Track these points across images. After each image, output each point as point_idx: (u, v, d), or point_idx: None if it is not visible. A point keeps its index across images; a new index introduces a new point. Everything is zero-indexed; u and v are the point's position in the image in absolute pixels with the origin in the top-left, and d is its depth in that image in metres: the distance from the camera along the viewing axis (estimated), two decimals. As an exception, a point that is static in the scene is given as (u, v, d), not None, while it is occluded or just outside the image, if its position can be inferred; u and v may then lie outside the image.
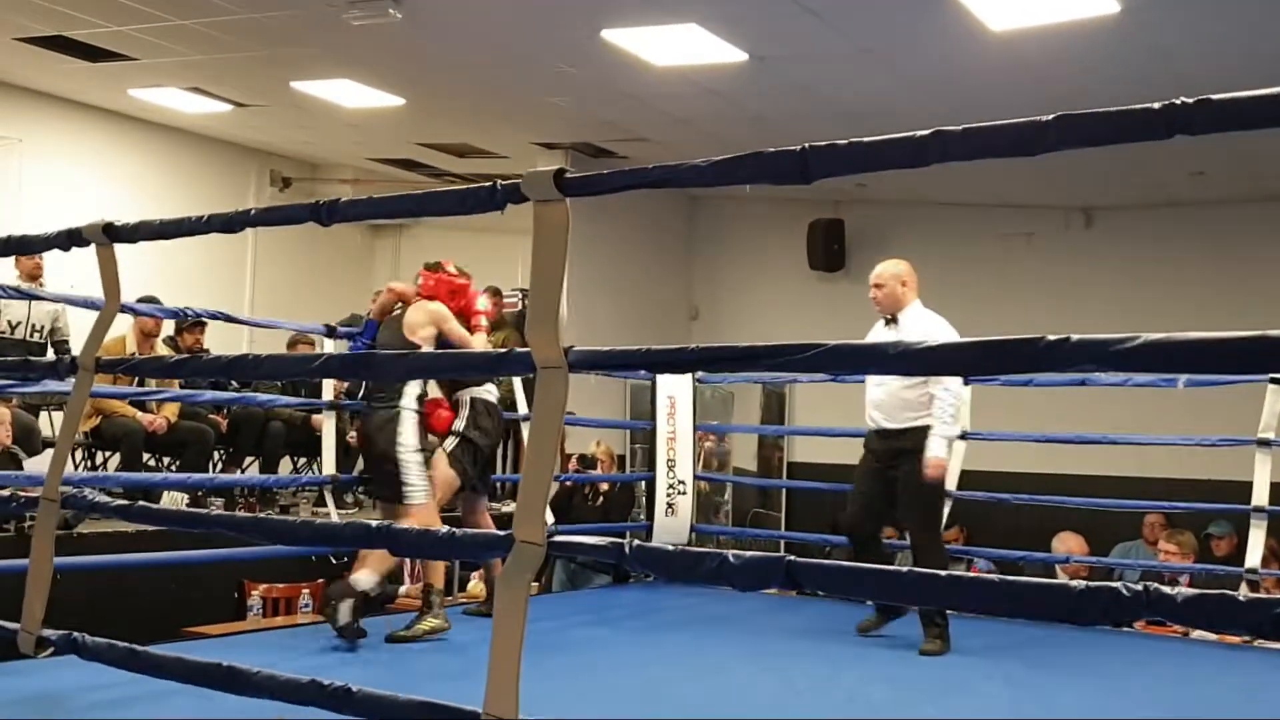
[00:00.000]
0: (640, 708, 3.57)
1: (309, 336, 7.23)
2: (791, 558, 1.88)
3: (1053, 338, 1.68)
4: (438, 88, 8.00)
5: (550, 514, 5.62)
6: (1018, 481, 7.40)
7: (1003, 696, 3.95)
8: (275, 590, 5.95)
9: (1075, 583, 1.66)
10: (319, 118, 8.83)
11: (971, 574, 2.05)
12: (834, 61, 6.72)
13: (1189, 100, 1.57)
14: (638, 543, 2.07)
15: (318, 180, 10.95)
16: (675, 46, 6.63)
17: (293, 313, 8.53)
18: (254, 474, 7.10)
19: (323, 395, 6.08)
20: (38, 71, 8.12)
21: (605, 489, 7.14)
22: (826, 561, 1.92)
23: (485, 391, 5.06)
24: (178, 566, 5.30)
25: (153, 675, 2.64)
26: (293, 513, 6.78)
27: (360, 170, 10.86)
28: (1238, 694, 4.26)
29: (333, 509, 5.96)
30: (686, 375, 6.48)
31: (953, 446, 5.59)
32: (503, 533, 2.13)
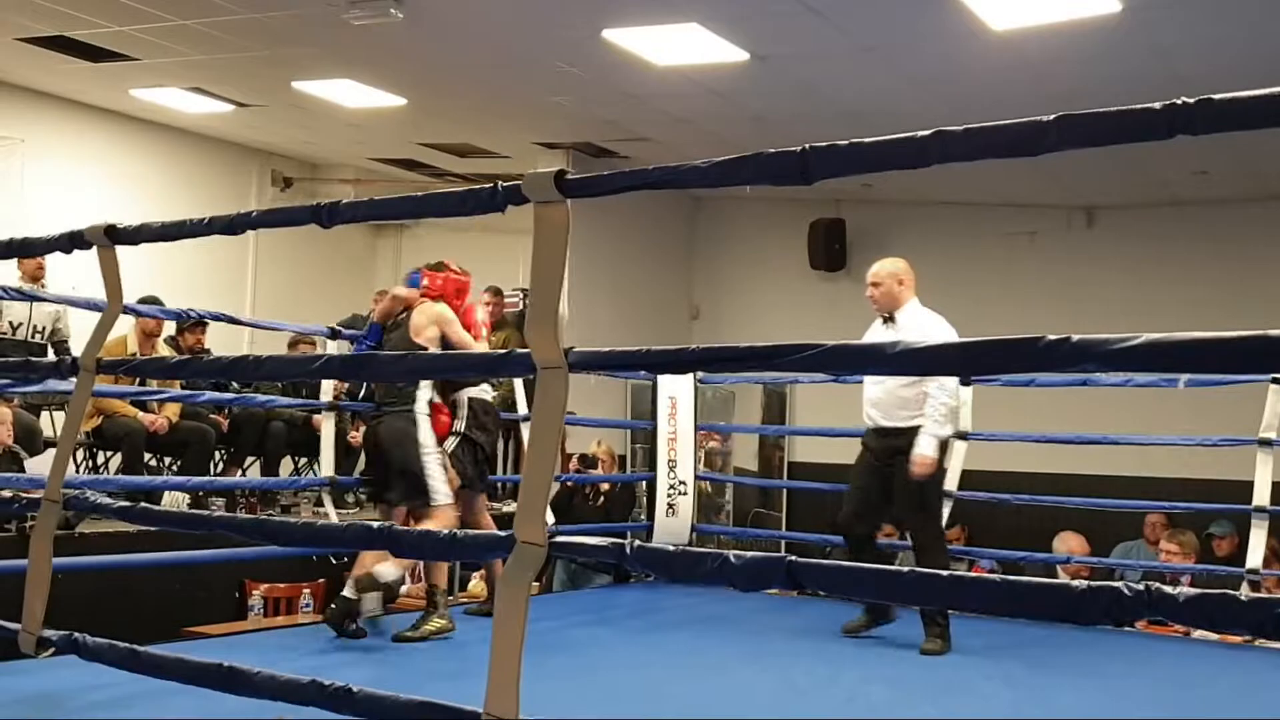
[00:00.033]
0: (641, 707, 3.57)
1: (310, 337, 7.22)
2: (792, 558, 1.88)
3: (1053, 337, 1.68)
4: (439, 87, 8.00)
5: (551, 514, 5.63)
6: (1019, 481, 7.41)
7: (1003, 696, 3.95)
8: (276, 590, 5.96)
9: (1077, 582, 1.66)
10: (320, 118, 8.83)
11: (973, 574, 2.05)
12: (835, 61, 6.72)
13: (1190, 100, 1.56)
14: (639, 543, 2.07)
15: (319, 180, 10.95)
16: (676, 46, 6.63)
17: (294, 312, 8.52)
18: (255, 474, 7.10)
19: (319, 395, 6.08)
20: (39, 72, 8.13)
21: (606, 489, 7.13)
22: (827, 561, 1.92)
23: (481, 391, 5.09)
24: (179, 566, 5.30)
25: (153, 675, 2.64)
26: (294, 513, 6.78)
27: (361, 170, 10.86)
28: (1239, 694, 4.26)
29: (331, 510, 5.96)
30: (687, 375, 6.48)
31: (952, 447, 5.60)
32: (504, 533, 2.14)
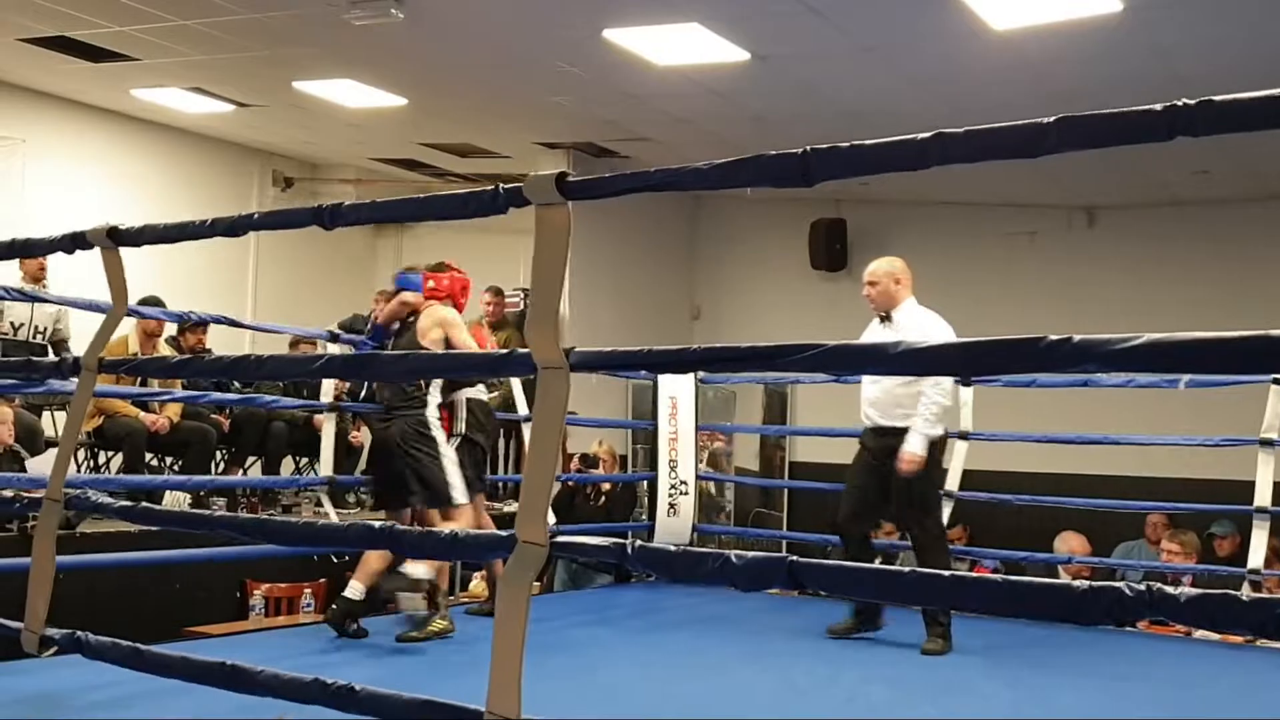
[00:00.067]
0: (641, 707, 3.58)
1: (312, 338, 7.23)
2: (793, 558, 1.88)
3: (1055, 337, 1.68)
4: (439, 87, 8.00)
5: (551, 514, 5.63)
6: (1020, 481, 7.40)
7: (1004, 696, 3.95)
8: (277, 590, 5.96)
9: (1078, 583, 1.66)
10: (321, 118, 8.83)
11: (974, 573, 2.05)
12: (836, 61, 6.72)
13: (1191, 102, 1.56)
14: (640, 543, 2.07)
15: (320, 180, 10.95)
16: (677, 46, 6.63)
17: (295, 312, 8.52)
18: (256, 474, 7.10)
19: (319, 395, 6.08)
20: (40, 72, 8.13)
21: (607, 489, 7.14)
22: (829, 561, 1.93)
23: (478, 392, 5.12)
24: (180, 566, 5.30)
25: (156, 674, 2.64)
26: (295, 513, 6.78)
27: (362, 170, 10.86)
28: (1240, 694, 4.26)
29: (331, 510, 5.97)
30: (688, 375, 6.48)
31: (953, 447, 5.60)
32: (505, 533, 2.14)
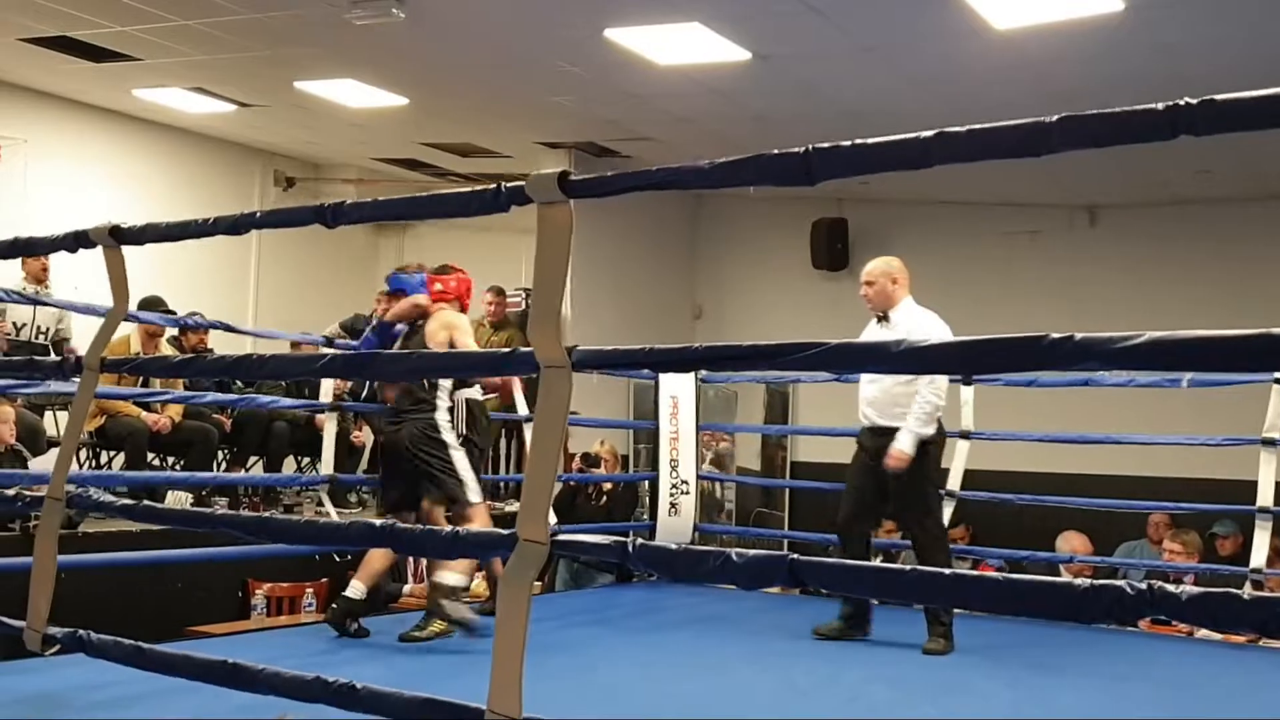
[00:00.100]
0: (642, 707, 3.58)
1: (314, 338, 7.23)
2: (794, 556, 1.88)
3: (1056, 336, 1.67)
4: (441, 87, 8.00)
5: (552, 515, 5.63)
6: (1022, 481, 7.39)
7: (1004, 697, 3.94)
8: (279, 589, 5.97)
9: (1080, 581, 1.66)
10: (322, 118, 8.83)
11: (975, 572, 2.05)
12: (837, 60, 6.72)
13: (1193, 101, 1.56)
14: (641, 541, 2.07)
15: (321, 180, 10.96)
16: (678, 45, 6.63)
17: (297, 311, 8.53)
18: (257, 474, 7.10)
19: (319, 395, 6.08)
20: (42, 72, 8.13)
21: (609, 489, 7.14)
22: (830, 560, 1.92)
23: (474, 392, 5.13)
24: (182, 565, 5.31)
25: (159, 673, 2.64)
26: (297, 512, 6.78)
27: (364, 170, 10.86)
28: (1242, 694, 4.26)
29: (331, 509, 5.97)
30: (689, 375, 6.48)
31: (955, 447, 5.60)
32: (506, 531, 2.14)
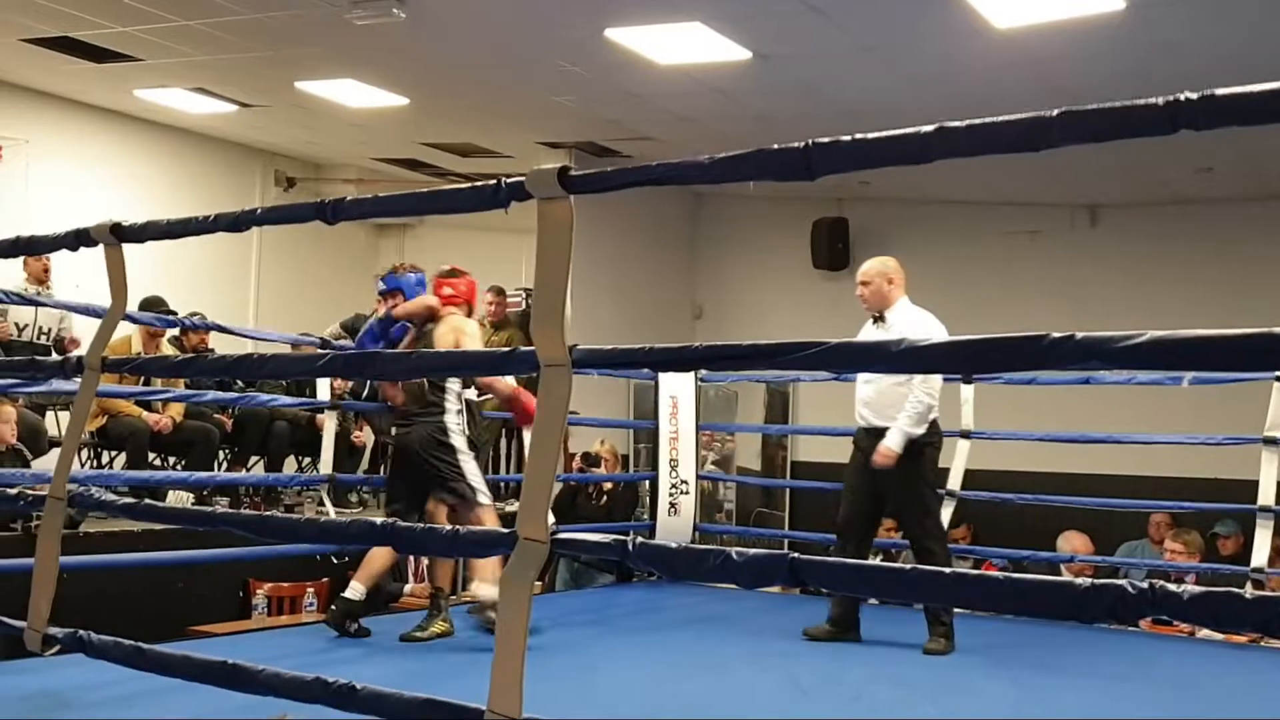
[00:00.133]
0: (643, 706, 3.57)
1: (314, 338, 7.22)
2: (794, 555, 1.87)
3: (1057, 335, 1.67)
4: (441, 87, 8.00)
5: (552, 515, 5.63)
6: (1022, 481, 7.39)
7: (1006, 696, 3.94)
8: (280, 589, 5.96)
9: (1081, 580, 1.65)
10: (323, 118, 8.83)
11: (975, 572, 2.04)
12: (838, 60, 6.72)
13: (1193, 95, 1.55)
14: (640, 540, 2.06)
15: (322, 180, 10.96)
16: (679, 45, 6.63)
17: (297, 311, 8.53)
18: (258, 473, 7.10)
19: (317, 394, 6.07)
20: (43, 72, 8.13)
21: (609, 488, 7.13)
22: (830, 559, 1.92)
23: (471, 392, 5.14)
24: (182, 565, 5.31)
25: (158, 673, 2.64)
26: (297, 512, 6.78)
27: (364, 170, 10.86)
28: (1243, 694, 4.25)
29: (331, 509, 5.97)
30: (688, 375, 6.47)
31: (956, 446, 5.59)
32: (506, 530, 2.13)
